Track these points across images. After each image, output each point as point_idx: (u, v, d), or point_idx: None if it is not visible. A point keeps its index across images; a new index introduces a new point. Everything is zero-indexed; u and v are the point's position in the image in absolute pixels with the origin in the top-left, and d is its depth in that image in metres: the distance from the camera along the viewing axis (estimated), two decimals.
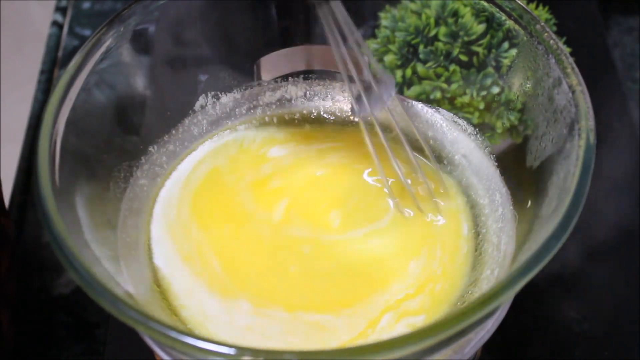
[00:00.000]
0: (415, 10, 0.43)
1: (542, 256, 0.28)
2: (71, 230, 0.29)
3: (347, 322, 0.34)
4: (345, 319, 0.35)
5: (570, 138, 0.31)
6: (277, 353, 0.26)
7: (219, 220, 0.39)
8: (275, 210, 0.39)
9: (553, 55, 0.34)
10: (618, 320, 0.45)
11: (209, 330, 0.35)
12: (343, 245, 0.38)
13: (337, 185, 0.40)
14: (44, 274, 0.48)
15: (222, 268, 0.37)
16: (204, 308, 0.35)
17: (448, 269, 0.37)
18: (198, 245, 0.37)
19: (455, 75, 0.42)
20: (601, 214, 0.49)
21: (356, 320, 0.35)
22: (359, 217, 0.39)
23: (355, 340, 0.34)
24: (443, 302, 0.36)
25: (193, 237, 0.38)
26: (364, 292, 0.36)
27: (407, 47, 0.43)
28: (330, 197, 0.39)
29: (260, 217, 0.39)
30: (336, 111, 0.44)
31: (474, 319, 0.26)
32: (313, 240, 0.38)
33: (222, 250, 0.37)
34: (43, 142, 0.31)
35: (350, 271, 0.37)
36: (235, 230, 0.38)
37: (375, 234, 0.38)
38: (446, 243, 0.38)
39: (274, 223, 0.38)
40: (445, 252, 0.37)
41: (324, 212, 0.39)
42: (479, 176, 0.40)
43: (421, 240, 0.38)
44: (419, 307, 0.35)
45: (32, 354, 0.45)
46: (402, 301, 0.35)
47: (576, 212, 0.29)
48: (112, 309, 0.27)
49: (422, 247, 0.38)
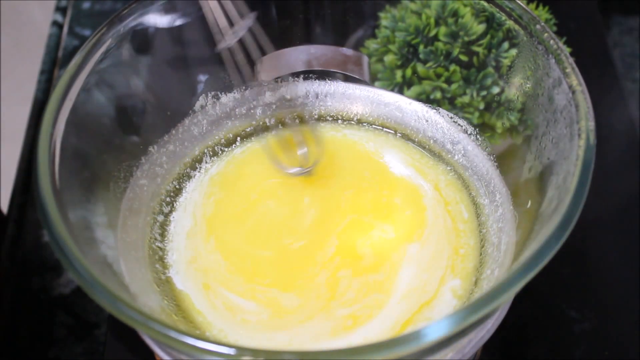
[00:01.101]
0: (415, 10, 0.43)
1: (542, 256, 0.28)
2: (71, 230, 0.29)
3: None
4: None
5: (570, 138, 0.31)
6: (277, 353, 0.26)
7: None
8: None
9: (553, 55, 0.34)
10: (618, 320, 0.45)
11: (212, 331, 0.35)
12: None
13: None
14: (44, 274, 0.48)
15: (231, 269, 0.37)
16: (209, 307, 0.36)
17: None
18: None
19: (455, 75, 0.42)
20: (601, 214, 0.49)
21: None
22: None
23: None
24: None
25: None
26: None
27: (407, 47, 0.43)
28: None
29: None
30: (336, 111, 0.44)
31: (474, 318, 0.26)
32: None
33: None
34: (43, 142, 0.31)
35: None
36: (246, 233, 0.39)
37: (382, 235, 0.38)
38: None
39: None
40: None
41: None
42: (478, 176, 0.40)
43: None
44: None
45: (33, 354, 0.45)
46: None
47: (576, 212, 0.29)
48: (112, 309, 0.27)
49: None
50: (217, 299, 0.36)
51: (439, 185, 0.40)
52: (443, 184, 0.40)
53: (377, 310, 0.35)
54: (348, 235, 0.38)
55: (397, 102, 0.43)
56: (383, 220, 0.39)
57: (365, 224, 0.38)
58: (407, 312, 0.35)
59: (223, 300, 0.36)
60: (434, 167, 0.41)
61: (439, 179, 0.40)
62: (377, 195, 0.40)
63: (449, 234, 0.38)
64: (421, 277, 0.36)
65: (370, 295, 0.36)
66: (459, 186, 0.40)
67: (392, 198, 0.40)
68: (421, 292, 0.36)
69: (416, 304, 0.35)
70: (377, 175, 0.41)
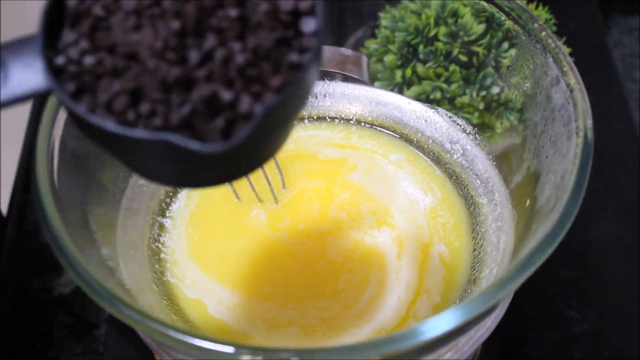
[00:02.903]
0: (415, 10, 0.43)
1: (540, 253, 0.28)
2: (70, 231, 0.29)
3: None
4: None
5: (568, 136, 0.31)
6: (276, 352, 0.26)
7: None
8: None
9: (551, 54, 0.34)
10: (618, 320, 0.45)
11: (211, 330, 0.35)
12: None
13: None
14: (44, 274, 0.48)
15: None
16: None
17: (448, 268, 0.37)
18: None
19: (455, 75, 0.42)
20: (601, 214, 0.49)
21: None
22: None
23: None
24: (443, 302, 0.36)
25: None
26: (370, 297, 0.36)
27: (407, 47, 0.43)
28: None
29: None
30: (335, 111, 0.44)
31: (473, 314, 0.26)
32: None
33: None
34: (41, 142, 0.31)
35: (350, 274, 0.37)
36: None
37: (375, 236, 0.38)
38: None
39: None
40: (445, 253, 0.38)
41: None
42: (478, 176, 0.40)
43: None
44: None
45: (32, 354, 0.45)
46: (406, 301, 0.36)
47: (574, 210, 0.29)
48: (112, 309, 0.27)
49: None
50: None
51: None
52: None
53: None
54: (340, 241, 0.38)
55: (396, 102, 0.43)
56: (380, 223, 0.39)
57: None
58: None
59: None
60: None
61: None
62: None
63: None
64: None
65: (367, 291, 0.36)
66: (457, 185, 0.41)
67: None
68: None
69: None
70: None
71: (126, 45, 0.22)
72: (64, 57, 0.22)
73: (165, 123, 0.21)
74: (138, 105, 0.21)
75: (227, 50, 0.22)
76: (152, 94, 0.21)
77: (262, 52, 0.22)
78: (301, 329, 0.35)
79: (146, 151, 0.22)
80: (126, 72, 0.22)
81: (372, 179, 0.41)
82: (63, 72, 0.22)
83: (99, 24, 0.22)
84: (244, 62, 0.21)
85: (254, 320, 0.35)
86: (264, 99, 0.21)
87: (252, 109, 0.21)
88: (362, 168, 0.41)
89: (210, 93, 0.21)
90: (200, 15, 0.22)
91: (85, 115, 0.21)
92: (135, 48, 0.22)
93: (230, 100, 0.21)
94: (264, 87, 0.22)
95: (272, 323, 0.35)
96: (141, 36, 0.22)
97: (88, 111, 0.21)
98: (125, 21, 0.22)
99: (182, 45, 0.22)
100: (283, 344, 0.34)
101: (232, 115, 0.21)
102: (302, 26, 0.22)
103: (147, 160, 0.23)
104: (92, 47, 0.22)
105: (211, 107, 0.21)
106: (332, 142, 0.43)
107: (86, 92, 0.22)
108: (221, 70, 0.21)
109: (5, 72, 0.22)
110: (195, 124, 0.21)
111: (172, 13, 0.22)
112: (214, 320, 0.35)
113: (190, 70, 0.21)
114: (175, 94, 0.21)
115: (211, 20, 0.22)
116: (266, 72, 0.22)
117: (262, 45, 0.22)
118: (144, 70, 0.21)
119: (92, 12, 0.22)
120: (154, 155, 0.22)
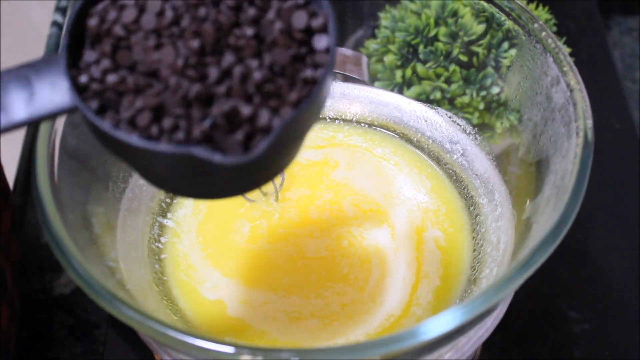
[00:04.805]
0: (415, 10, 0.43)
1: (540, 253, 0.28)
2: (70, 231, 0.29)
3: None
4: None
5: (568, 136, 0.31)
6: (276, 351, 0.26)
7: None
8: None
9: (551, 54, 0.34)
10: (618, 320, 0.45)
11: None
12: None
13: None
14: (44, 274, 0.48)
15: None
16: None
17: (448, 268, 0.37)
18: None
19: (455, 75, 0.42)
20: (601, 214, 0.49)
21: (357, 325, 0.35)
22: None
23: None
24: (442, 301, 0.36)
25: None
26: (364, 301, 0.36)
27: (407, 47, 0.43)
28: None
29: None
30: (335, 111, 0.44)
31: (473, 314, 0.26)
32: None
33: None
34: (41, 142, 0.31)
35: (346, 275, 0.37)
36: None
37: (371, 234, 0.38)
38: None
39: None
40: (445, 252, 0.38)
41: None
42: (478, 176, 0.40)
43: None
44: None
45: (33, 354, 0.45)
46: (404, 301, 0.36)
47: (574, 210, 0.29)
48: (112, 309, 0.27)
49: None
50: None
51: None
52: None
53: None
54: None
55: (396, 102, 0.43)
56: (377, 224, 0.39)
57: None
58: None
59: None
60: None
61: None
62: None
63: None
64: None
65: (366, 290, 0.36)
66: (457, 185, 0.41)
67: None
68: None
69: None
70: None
71: (147, 63, 0.23)
72: (86, 76, 0.23)
73: (188, 137, 0.22)
74: (161, 120, 0.22)
75: (245, 67, 0.23)
76: (174, 109, 0.22)
77: (278, 68, 0.23)
78: (321, 319, 0.35)
79: (168, 164, 0.23)
80: (148, 89, 0.22)
81: (372, 179, 0.41)
82: (86, 90, 0.23)
83: (119, 43, 0.23)
84: (262, 79, 0.22)
85: (276, 316, 0.35)
86: (281, 113, 0.22)
87: (271, 122, 0.22)
88: (361, 167, 0.41)
89: (231, 108, 0.22)
90: (218, 34, 0.22)
91: (110, 131, 0.22)
92: (156, 66, 0.22)
93: (250, 115, 0.22)
94: (281, 102, 0.23)
95: (294, 316, 0.35)
96: (162, 55, 0.22)
97: (113, 127, 0.22)
98: (146, 40, 0.23)
99: (202, 63, 0.22)
100: (300, 338, 0.34)
101: (251, 129, 0.22)
102: (314, 43, 0.23)
103: (168, 173, 0.24)
104: (113, 66, 0.23)
105: (231, 122, 0.22)
106: (333, 142, 0.43)
107: (109, 108, 0.23)
108: (240, 87, 0.22)
109: (31, 90, 0.23)
110: (216, 137, 0.22)
111: (192, 33, 0.23)
112: (231, 320, 0.36)
113: (210, 86, 0.22)
114: (196, 110, 0.22)
115: (229, 38, 0.23)
116: (283, 87, 0.23)
117: (278, 62, 0.23)
118: (166, 87, 0.22)
119: (113, 32, 0.23)
120: (175, 168, 0.23)
